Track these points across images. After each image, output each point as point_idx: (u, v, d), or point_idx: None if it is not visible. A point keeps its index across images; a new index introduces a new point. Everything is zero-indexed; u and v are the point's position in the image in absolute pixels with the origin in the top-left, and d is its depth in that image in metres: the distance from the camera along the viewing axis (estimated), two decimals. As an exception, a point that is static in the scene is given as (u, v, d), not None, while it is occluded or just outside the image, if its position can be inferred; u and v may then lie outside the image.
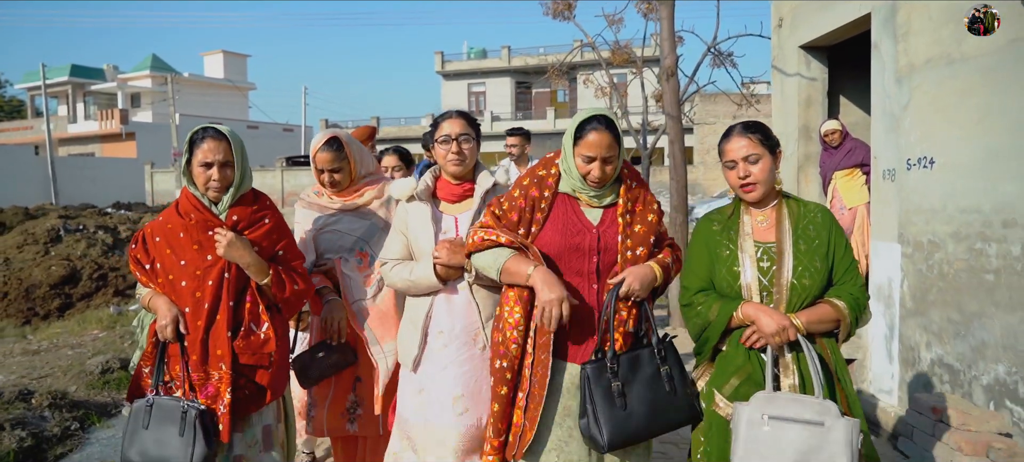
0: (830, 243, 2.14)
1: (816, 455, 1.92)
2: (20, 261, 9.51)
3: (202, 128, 2.47)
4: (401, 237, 2.58)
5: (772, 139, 2.18)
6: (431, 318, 2.49)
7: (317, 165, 2.98)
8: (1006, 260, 3.46)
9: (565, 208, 2.27)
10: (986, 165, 3.58)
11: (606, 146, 2.16)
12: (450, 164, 2.50)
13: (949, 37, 3.82)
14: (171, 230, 2.49)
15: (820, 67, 5.78)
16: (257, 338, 2.48)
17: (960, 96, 3.77)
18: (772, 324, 2.03)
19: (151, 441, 2.33)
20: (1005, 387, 3.47)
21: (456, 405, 2.42)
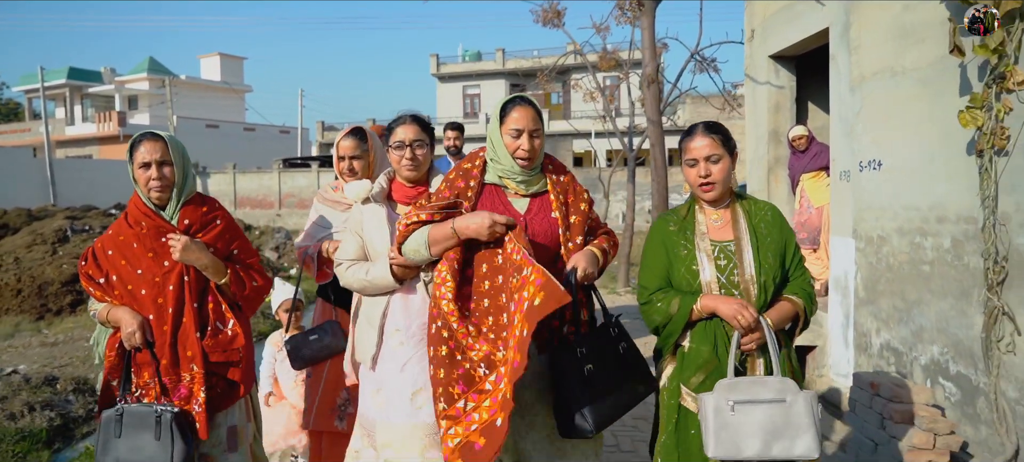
0: (783, 240, 2.23)
1: (783, 430, 2.01)
2: (29, 260, 9.85)
3: (140, 133, 2.51)
4: (356, 238, 2.61)
5: (731, 141, 2.26)
6: (387, 316, 2.53)
7: (339, 153, 3.08)
8: (939, 252, 3.87)
9: (492, 198, 2.33)
10: (923, 167, 3.98)
11: (531, 119, 2.25)
12: (404, 169, 2.56)
13: (893, 51, 4.23)
14: (123, 242, 2.49)
15: (788, 76, 6.18)
16: (225, 336, 2.50)
17: (902, 105, 4.17)
18: (729, 308, 2.10)
19: (125, 449, 2.33)
20: (938, 366, 3.87)
21: (414, 400, 2.46)
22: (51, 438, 4.15)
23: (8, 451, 3.82)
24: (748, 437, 2.01)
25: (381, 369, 2.51)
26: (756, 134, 6.52)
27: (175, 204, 2.50)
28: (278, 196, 30.46)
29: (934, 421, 3.32)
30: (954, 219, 3.72)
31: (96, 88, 42.21)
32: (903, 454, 3.37)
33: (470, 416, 2.14)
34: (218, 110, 42.44)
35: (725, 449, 2.03)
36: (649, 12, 7.19)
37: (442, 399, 2.18)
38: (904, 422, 3.40)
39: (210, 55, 46.24)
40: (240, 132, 41.78)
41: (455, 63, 38.71)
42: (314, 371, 3.12)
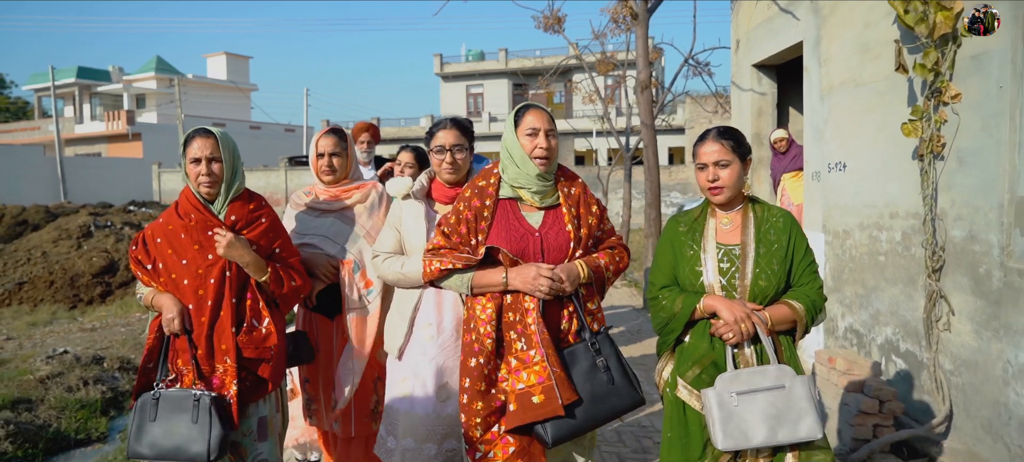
0: (789, 247, 2.23)
1: (786, 415, 2.07)
2: (56, 254, 10.39)
3: (195, 129, 2.58)
4: (394, 232, 2.66)
5: (744, 146, 2.27)
6: (419, 310, 2.60)
7: (318, 150, 3.09)
8: (892, 244, 4.37)
9: (507, 214, 2.34)
10: (879, 169, 4.49)
11: (546, 119, 2.31)
12: (445, 172, 2.65)
13: (855, 64, 4.73)
14: (172, 231, 2.55)
15: (770, 83, 6.69)
16: (259, 333, 2.55)
17: (863, 113, 4.68)
18: (731, 315, 2.12)
19: (160, 433, 2.36)
20: (891, 345, 4.38)
21: (440, 394, 2.54)
22: (105, 407, 4.68)
23: (72, 417, 4.35)
24: (754, 425, 2.06)
25: (408, 360, 2.60)
26: (741, 137, 7.02)
27: (223, 199, 2.56)
28: (285, 193, 30.98)
29: (880, 390, 3.83)
30: (904, 215, 4.23)
31: (104, 87, 42.73)
32: (853, 418, 3.88)
33: (506, 439, 2.25)
34: (224, 109, 42.94)
35: (733, 440, 2.07)
36: (643, 22, 7.69)
37: (479, 428, 2.26)
38: (855, 391, 3.91)
39: (216, 54, 46.73)
40: (246, 130, 42.29)
41: (458, 63, 39.17)
42: (313, 376, 3.11)
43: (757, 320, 2.13)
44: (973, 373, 3.64)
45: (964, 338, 3.71)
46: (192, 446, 2.34)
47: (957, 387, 3.76)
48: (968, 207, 3.66)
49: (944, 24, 3.59)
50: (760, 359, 2.16)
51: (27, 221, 17.71)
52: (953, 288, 3.78)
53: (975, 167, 3.60)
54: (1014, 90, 3.35)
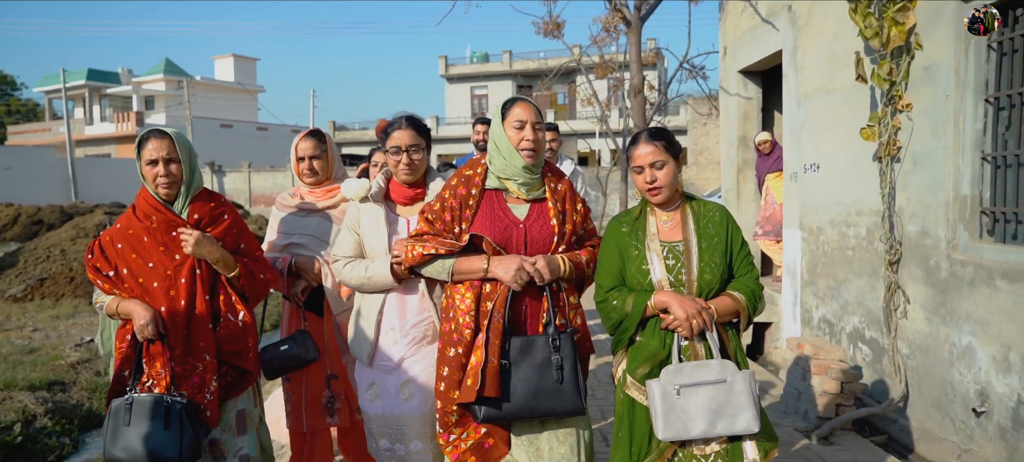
0: (727, 240, 2.30)
1: (725, 409, 2.13)
2: (74, 252, 10.79)
3: (147, 131, 2.53)
4: (353, 235, 2.63)
5: (675, 146, 2.31)
6: (383, 314, 2.58)
7: (298, 154, 3.10)
8: (858, 240, 4.72)
9: (492, 204, 2.36)
10: (847, 170, 4.84)
11: (533, 112, 2.31)
12: (401, 173, 2.60)
13: (827, 73, 5.08)
14: (133, 235, 2.50)
15: (755, 88, 7.03)
16: (236, 327, 2.55)
17: (833, 118, 5.02)
18: (683, 311, 2.16)
19: (135, 437, 2.35)
20: (858, 332, 4.72)
21: (402, 392, 2.55)
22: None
23: (102, 398, 4.73)
24: (694, 417, 2.12)
25: (377, 365, 2.60)
26: (728, 139, 7.38)
27: (184, 199, 2.53)
28: (292, 194, 31.42)
29: (843, 372, 4.18)
30: (868, 212, 4.58)
31: (114, 89, 43.19)
32: (817, 398, 4.24)
33: (476, 424, 2.33)
34: (232, 110, 43.33)
35: (674, 430, 2.14)
36: (636, 29, 8.04)
37: (455, 414, 2.32)
38: (820, 373, 4.26)
39: (224, 56, 47.08)
40: (253, 131, 42.71)
41: (463, 64, 39.51)
42: (294, 374, 3.09)
43: (707, 317, 2.17)
44: (925, 356, 3.99)
45: (918, 324, 4.06)
46: (165, 451, 2.34)
47: (912, 369, 4.11)
48: (921, 205, 4.01)
49: (898, 37, 3.95)
50: (708, 354, 2.21)
51: (42, 220, 18.23)
52: (909, 279, 4.13)
53: (926, 168, 3.95)
54: (957, 99, 3.70)
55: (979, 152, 3.66)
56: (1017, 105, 3.48)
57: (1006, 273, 3.36)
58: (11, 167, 29.73)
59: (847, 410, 4.19)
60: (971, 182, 3.69)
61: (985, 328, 3.50)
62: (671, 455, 2.24)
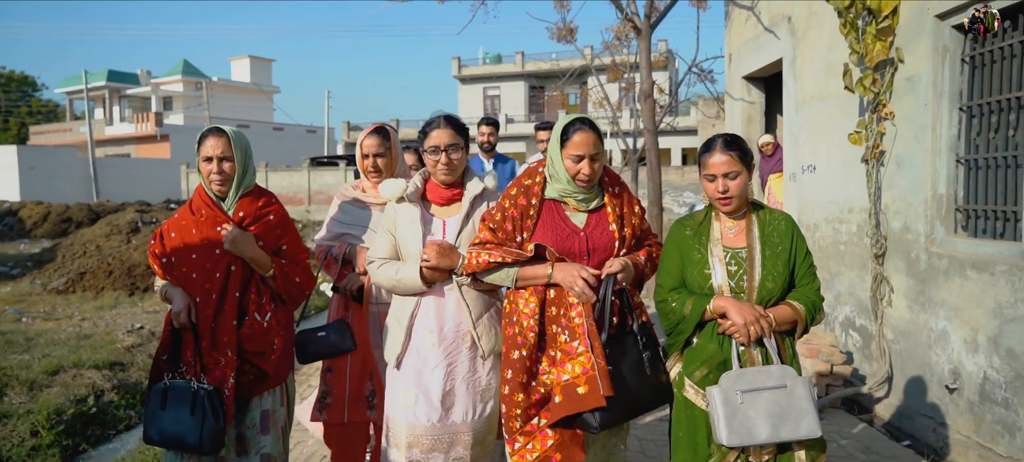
0: (792, 249, 2.30)
1: (787, 414, 2.13)
2: (109, 248, 11.35)
3: (208, 128, 2.64)
4: (389, 237, 2.60)
5: (749, 155, 2.30)
6: (416, 317, 2.53)
7: (363, 151, 3.06)
8: (849, 235, 5.12)
9: (552, 214, 2.37)
10: (840, 171, 5.23)
11: (592, 144, 2.29)
12: (440, 174, 2.56)
13: (822, 81, 5.47)
14: (185, 226, 2.62)
15: (758, 93, 7.43)
16: (260, 327, 2.59)
17: (828, 123, 5.42)
18: (741, 318, 2.17)
19: (168, 421, 2.46)
20: (850, 321, 5.13)
21: (445, 401, 2.49)
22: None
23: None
24: (758, 423, 2.12)
25: (408, 369, 2.53)
26: (733, 141, 7.78)
27: (234, 196, 2.62)
28: (308, 193, 31.90)
29: (832, 355, 4.59)
30: (858, 210, 4.98)
31: (133, 90, 43.99)
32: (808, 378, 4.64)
33: (545, 431, 2.31)
34: (248, 111, 43.97)
35: (738, 436, 2.13)
36: (645, 36, 8.45)
37: (519, 419, 2.31)
38: (812, 356, 4.67)
39: (240, 58, 47.76)
40: (269, 132, 43.35)
41: (476, 65, 39.99)
42: (335, 365, 3.06)
43: (765, 324, 2.19)
44: (907, 340, 4.39)
45: (901, 312, 4.46)
46: (188, 437, 2.44)
47: (896, 353, 4.51)
48: (903, 203, 4.41)
49: (881, 52, 4.35)
50: (765, 359, 2.22)
51: (71, 218, 18.84)
52: (893, 271, 4.53)
53: (909, 170, 4.35)
54: (935, 107, 4.10)
55: (954, 155, 4.06)
56: (986, 113, 3.88)
57: (975, 264, 3.76)
58: (35, 166, 30.44)
59: (837, 390, 4.59)
60: (947, 182, 4.09)
61: (957, 313, 3.90)
62: (732, 460, 2.25)
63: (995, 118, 3.79)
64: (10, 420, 4.04)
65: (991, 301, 3.62)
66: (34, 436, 3.96)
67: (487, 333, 2.54)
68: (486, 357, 2.54)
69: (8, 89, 50.30)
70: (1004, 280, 3.52)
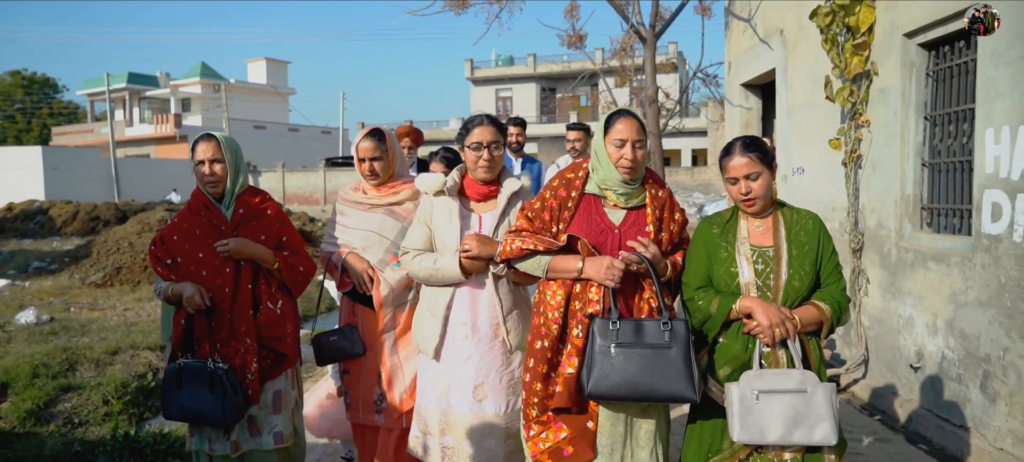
0: (818, 249, 2.30)
1: (804, 419, 2.12)
2: (140, 244, 11.94)
3: (200, 134, 2.74)
4: (424, 229, 2.67)
5: (769, 156, 2.30)
6: (452, 309, 2.60)
7: (359, 155, 3.04)
8: (832, 232, 5.55)
9: (590, 208, 2.39)
10: (824, 173, 5.70)
11: (635, 130, 2.30)
12: (480, 170, 2.61)
13: (810, 90, 5.94)
14: (188, 228, 2.75)
15: (756, 100, 7.90)
16: (275, 314, 2.73)
17: (815, 129, 5.89)
18: (766, 319, 2.17)
19: (186, 399, 2.59)
20: (832, 311, 5.59)
21: (477, 393, 2.55)
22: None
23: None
24: (771, 423, 2.13)
25: (443, 360, 2.61)
26: (732, 145, 8.26)
27: (230, 197, 2.76)
28: (323, 193, 32.59)
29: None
30: (840, 209, 5.45)
31: (153, 91, 44.83)
32: (792, 361, 5.12)
33: (559, 424, 2.35)
34: (264, 112, 44.68)
35: (749, 434, 2.15)
36: (651, 44, 8.93)
37: (536, 408, 2.36)
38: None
39: (256, 60, 48.57)
40: (285, 133, 44.08)
41: (488, 67, 40.50)
42: (351, 367, 3.10)
43: (791, 327, 2.18)
44: (880, 326, 4.86)
45: (875, 301, 4.93)
46: (210, 412, 2.58)
47: (871, 338, 4.98)
48: (878, 202, 4.88)
49: (858, 65, 4.82)
50: (789, 362, 2.21)
51: (99, 217, 19.55)
52: (869, 264, 5.00)
53: (882, 173, 4.82)
54: (903, 116, 4.57)
55: (920, 159, 4.53)
56: (946, 122, 4.35)
57: (935, 256, 4.23)
58: (58, 167, 31.20)
59: (818, 372, 5.05)
60: (914, 183, 4.56)
61: (921, 301, 4.37)
62: (745, 456, 2.28)
63: (952, 126, 4.27)
64: (84, 391, 4.60)
65: (947, 289, 4.09)
66: (105, 404, 4.52)
67: (515, 328, 2.61)
68: (513, 351, 2.61)
69: (30, 91, 51.38)
70: (958, 270, 3.99)
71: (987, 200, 3.72)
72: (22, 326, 6.82)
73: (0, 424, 4.10)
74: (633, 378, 2.20)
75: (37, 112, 51.00)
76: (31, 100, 50.67)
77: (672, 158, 35.04)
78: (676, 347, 2.22)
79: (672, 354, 2.21)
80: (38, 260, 12.96)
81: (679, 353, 2.21)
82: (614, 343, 2.21)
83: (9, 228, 19.60)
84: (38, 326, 6.83)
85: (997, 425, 3.67)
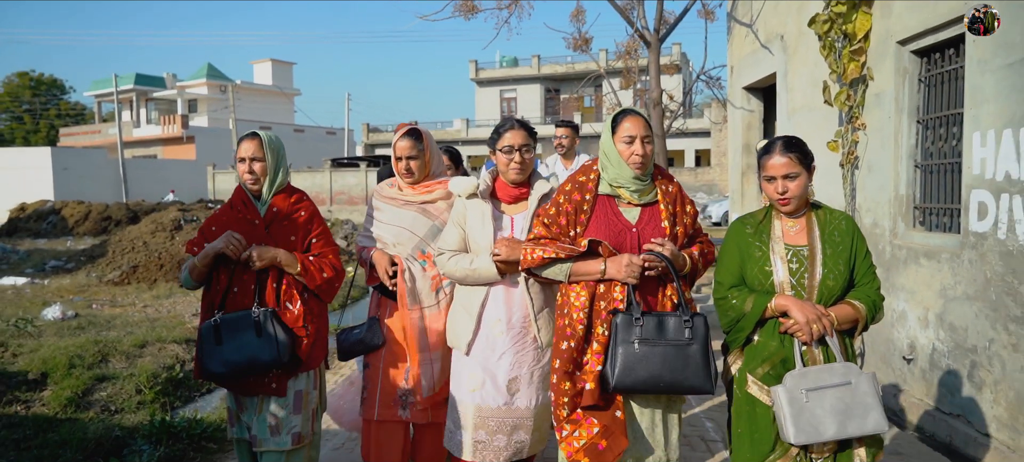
0: (852, 248, 2.32)
1: (853, 410, 2.15)
2: (155, 244, 12.21)
3: (246, 133, 2.83)
4: (458, 230, 2.73)
5: (808, 157, 2.33)
6: (486, 306, 2.67)
7: (396, 153, 3.08)
8: (830, 230, 5.80)
9: (605, 209, 2.43)
10: (823, 174, 5.90)
11: (642, 126, 2.37)
12: (512, 172, 2.69)
13: (809, 94, 6.16)
14: (226, 221, 2.82)
15: (757, 102, 8.12)
16: (291, 314, 2.74)
17: (814, 131, 6.09)
18: (803, 316, 2.19)
19: (230, 350, 2.58)
20: (830, 306, 5.81)
21: (510, 387, 2.63)
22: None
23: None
24: (824, 420, 2.14)
25: (477, 355, 2.68)
26: (734, 146, 8.48)
27: (267, 194, 2.82)
28: (330, 194, 32.77)
29: (811, 334, 5.28)
30: (838, 208, 5.66)
31: (160, 93, 45.19)
32: (792, 354, 5.33)
33: (590, 419, 2.37)
34: (269, 113, 45.02)
35: (805, 434, 2.15)
36: (655, 48, 9.15)
37: (566, 407, 2.39)
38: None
39: (262, 61, 48.92)
40: (290, 133, 44.26)
41: (493, 69, 40.74)
42: (372, 361, 3.11)
43: (827, 323, 2.21)
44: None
45: (871, 296, 5.15)
46: (262, 355, 2.58)
47: (868, 332, 5.18)
48: (873, 202, 5.10)
49: (854, 71, 5.05)
50: (826, 357, 2.24)
51: (111, 217, 19.83)
52: (865, 261, 5.22)
53: (877, 174, 5.04)
54: (896, 120, 4.79)
55: (912, 161, 4.75)
56: (936, 125, 4.57)
57: (926, 253, 4.45)
58: (68, 167, 31.52)
59: (816, 364, 5.26)
60: (907, 184, 4.78)
61: (913, 296, 4.59)
62: (795, 455, 2.28)
63: (943, 130, 4.49)
64: (118, 380, 4.85)
65: (938, 284, 4.31)
66: (138, 393, 4.76)
67: (546, 326, 2.70)
68: (544, 348, 2.70)
69: (38, 92, 51.81)
70: (947, 266, 4.22)
71: (974, 200, 3.94)
72: (50, 321, 7.07)
73: (44, 410, 4.36)
74: (656, 372, 2.26)
75: (45, 113, 51.43)
76: (39, 101, 51.07)
77: (676, 159, 35.26)
78: (696, 343, 2.28)
79: (693, 350, 2.27)
80: (54, 259, 13.24)
81: (699, 348, 2.28)
82: (637, 339, 2.27)
83: (23, 228, 19.92)
84: (65, 321, 7.09)
85: (983, 412, 3.89)
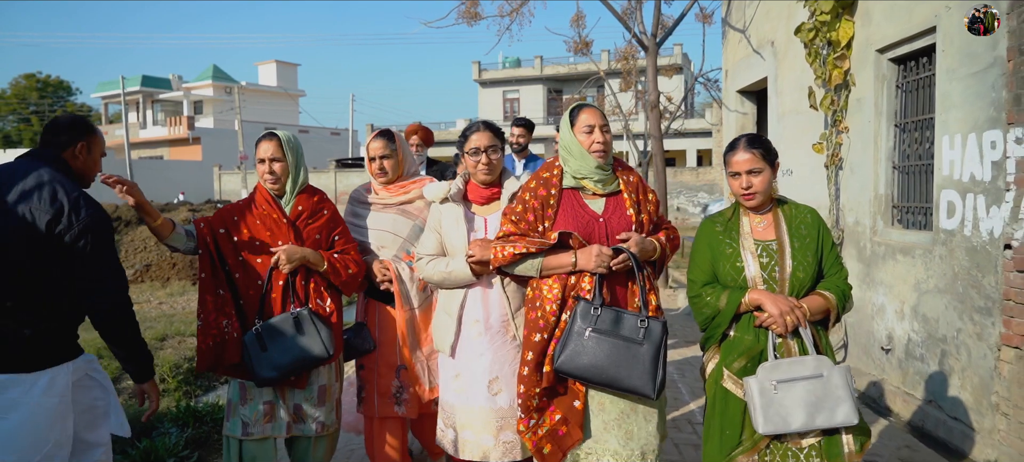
0: (819, 240, 2.38)
1: (824, 402, 2.18)
2: (166, 243, 12.51)
3: (264, 133, 2.85)
4: (435, 235, 2.79)
5: (772, 153, 2.39)
6: (465, 308, 2.71)
7: (369, 154, 3.17)
8: (817, 229, 6.08)
9: (571, 202, 2.48)
10: (809, 175, 6.19)
11: (599, 116, 2.44)
12: (480, 173, 2.73)
13: (797, 98, 6.43)
14: (250, 221, 2.85)
15: (751, 105, 8.39)
16: (322, 310, 2.82)
17: (801, 134, 6.38)
18: (776, 308, 2.23)
19: (277, 354, 2.64)
20: (817, 301, 6.09)
21: (491, 387, 2.66)
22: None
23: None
24: (793, 411, 2.18)
25: (460, 356, 2.73)
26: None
27: (289, 194, 2.87)
28: (334, 193, 33.08)
29: (797, 326, 5.55)
30: (823, 208, 5.94)
31: (166, 94, 45.52)
32: (779, 346, 5.61)
33: (552, 407, 2.45)
34: (274, 114, 45.30)
35: (773, 425, 2.19)
36: (652, 52, 9.42)
37: (535, 398, 2.42)
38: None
39: (267, 62, 49.30)
40: (295, 134, 44.44)
41: (496, 70, 40.96)
42: (367, 362, 3.19)
43: (800, 314, 2.24)
44: (857, 314, 5.36)
45: (854, 291, 5.40)
46: (311, 351, 2.67)
47: (851, 325, 5.48)
48: (855, 201, 5.38)
49: (838, 77, 5.33)
50: (801, 349, 2.27)
51: (120, 217, 20.12)
52: (848, 257, 5.50)
53: (859, 174, 5.32)
54: (876, 124, 5.07)
55: (891, 162, 5.03)
56: (912, 129, 4.85)
57: (902, 249, 4.73)
58: (75, 168, 31.76)
59: (802, 356, 5.54)
60: (885, 184, 5.06)
61: (891, 289, 4.87)
62: (764, 446, 2.32)
63: (918, 133, 4.77)
64: (143, 370, 5.13)
65: (913, 278, 4.59)
66: (161, 382, 5.06)
67: (524, 324, 2.69)
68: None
69: (45, 94, 52.23)
70: (921, 261, 4.50)
71: (944, 199, 4.22)
72: (71, 317, 7.35)
73: (76, 396, 4.62)
74: (600, 363, 2.30)
75: (51, 115, 51.81)
76: (46, 103, 51.51)
77: (677, 158, 35.47)
78: (648, 345, 2.30)
79: (642, 350, 2.30)
80: (68, 258, 13.52)
81: (649, 351, 2.30)
82: (591, 328, 2.31)
83: (33, 228, 20.19)
84: (85, 318, 7.37)
85: (951, 397, 4.17)
